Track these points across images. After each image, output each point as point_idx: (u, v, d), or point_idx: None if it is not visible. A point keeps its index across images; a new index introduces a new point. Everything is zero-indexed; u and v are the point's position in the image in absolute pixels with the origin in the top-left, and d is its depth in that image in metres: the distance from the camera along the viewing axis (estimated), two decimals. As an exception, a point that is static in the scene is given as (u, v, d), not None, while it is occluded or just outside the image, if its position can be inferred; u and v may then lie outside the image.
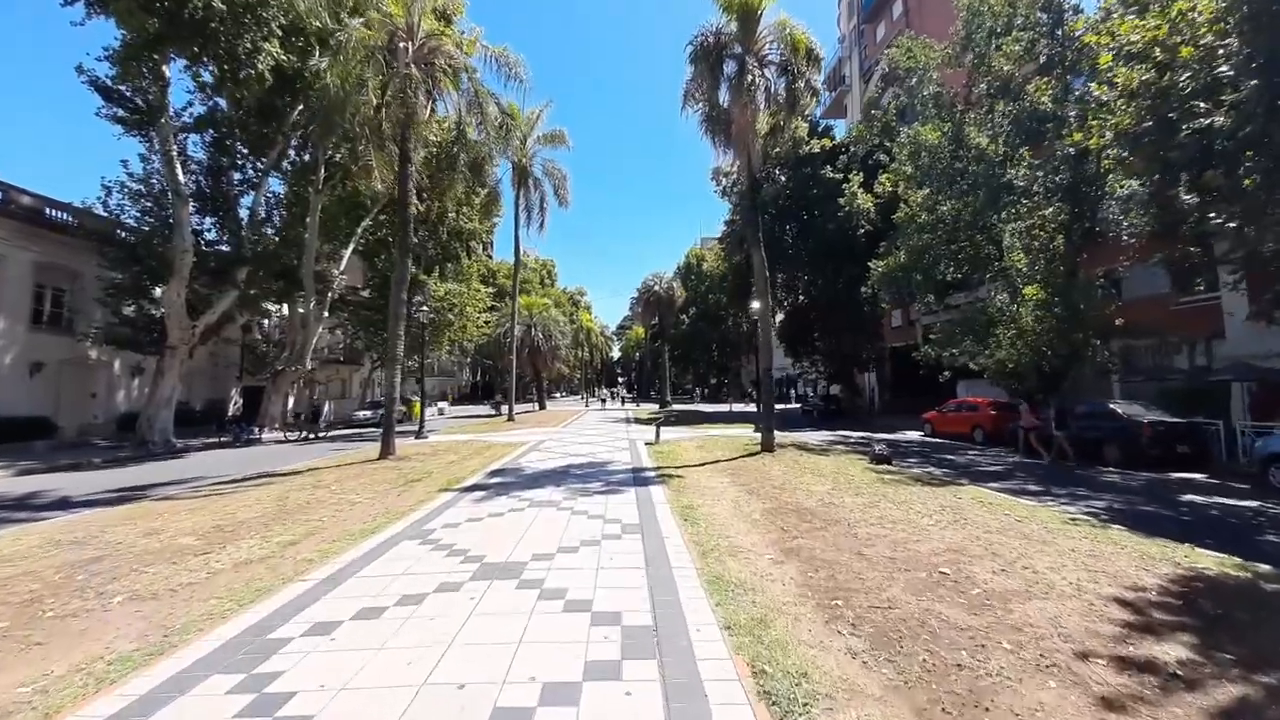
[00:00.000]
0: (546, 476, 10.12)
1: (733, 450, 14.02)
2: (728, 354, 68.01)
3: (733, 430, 20.77)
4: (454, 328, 35.08)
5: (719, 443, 15.83)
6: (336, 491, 9.25)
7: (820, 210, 29.11)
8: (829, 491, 8.50)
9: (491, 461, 12.45)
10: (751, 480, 9.59)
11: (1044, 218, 17.59)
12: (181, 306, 19.85)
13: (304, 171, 25.84)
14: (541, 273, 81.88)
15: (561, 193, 28.75)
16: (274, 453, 17.47)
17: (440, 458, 13.41)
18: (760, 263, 13.30)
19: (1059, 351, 16.50)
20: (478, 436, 19.59)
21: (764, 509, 7.39)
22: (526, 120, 28.47)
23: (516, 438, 18.56)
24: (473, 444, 16.67)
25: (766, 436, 12.89)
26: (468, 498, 8.31)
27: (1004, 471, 12.07)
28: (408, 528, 6.55)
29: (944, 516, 6.89)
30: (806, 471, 10.39)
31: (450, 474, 10.79)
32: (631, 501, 7.79)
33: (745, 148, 13.30)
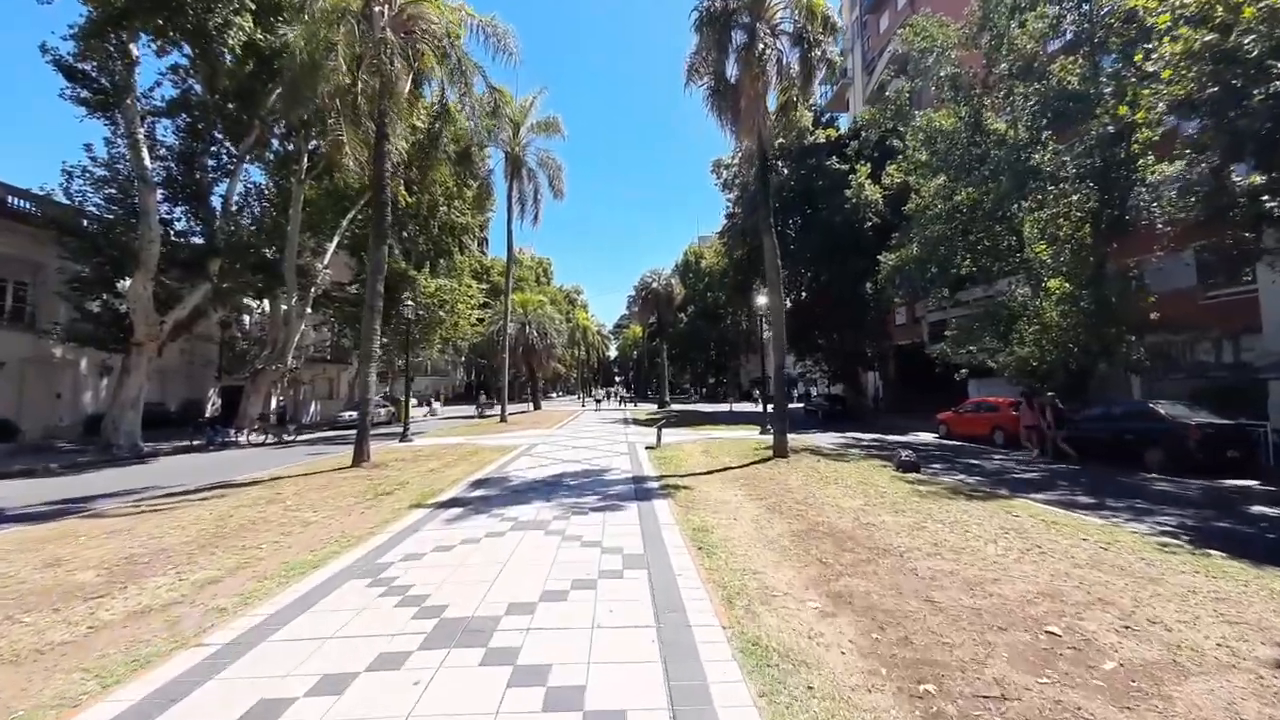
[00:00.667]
0: (535, 489, 8.91)
1: (741, 455, 12.85)
2: (726, 353, 66.96)
3: (738, 432, 19.60)
4: (445, 325, 33.86)
5: (725, 446, 14.66)
6: (292, 507, 8.03)
7: (825, 203, 27.99)
8: (862, 508, 7.33)
9: (477, 469, 11.24)
10: (769, 492, 8.41)
11: (1070, 205, 16.49)
12: (148, 300, 18.56)
13: (285, 161, 24.60)
14: (537, 270, 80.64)
15: (556, 184, 27.56)
16: (245, 458, 16.21)
17: (420, 465, 12.18)
18: (772, 249, 12.13)
19: (1090, 348, 15.41)
20: (466, 439, 18.37)
21: (791, 531, 6.21)
22: (520, 108, 27.26)
23: (507, 441, 17.35)
24: (459, 448, 15.45)
25: (779, 440, 11.73)
26: (441, 516, 7.10)
27: (1042, 479, 10.92)
28: (360, 560, 5.34)
29: (1011, 543, 5.72)
30: (829, 482, 9.22)
31: (427, 485, 9.58)
32: (633, 521, 6.60)
33: (755, 124, 12.12)
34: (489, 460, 12.56)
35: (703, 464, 11.57)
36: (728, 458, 12.46)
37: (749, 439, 16.73)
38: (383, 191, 11.96)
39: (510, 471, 10.78)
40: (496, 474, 10.51)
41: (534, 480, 9.69)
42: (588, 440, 17.03)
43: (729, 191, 34.21)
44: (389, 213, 12.16)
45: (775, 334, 11.99)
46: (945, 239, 18.92)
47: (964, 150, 18.31)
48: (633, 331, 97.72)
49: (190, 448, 19.63)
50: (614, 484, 9.25)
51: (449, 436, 20.06)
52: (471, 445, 16.19)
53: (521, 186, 27.65)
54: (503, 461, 12.25)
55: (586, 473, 10.50)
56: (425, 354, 37.70)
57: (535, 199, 27.82)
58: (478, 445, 16.03)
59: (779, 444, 11.73)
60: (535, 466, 11.40)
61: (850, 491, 8.43)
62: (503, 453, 14.00)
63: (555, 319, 41.81)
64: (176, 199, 21.24)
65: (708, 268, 61.03)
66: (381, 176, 11.95)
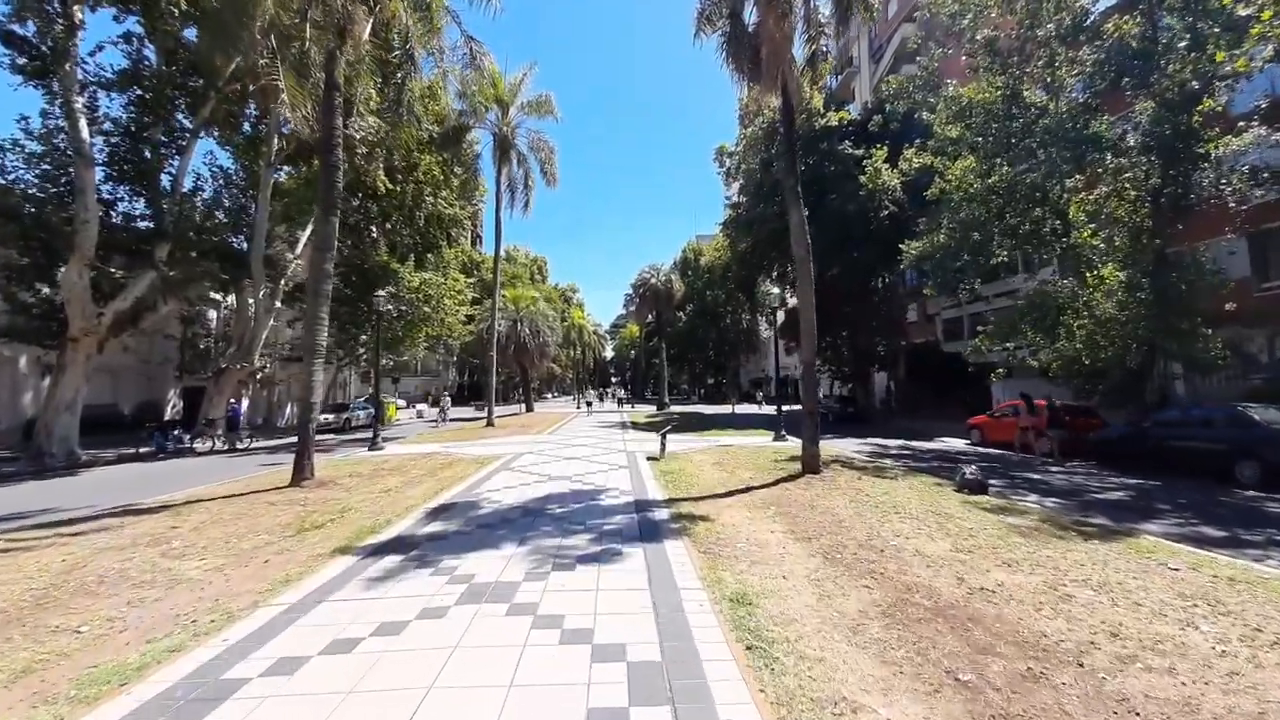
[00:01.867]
0: (509, 520, 6.84)
1: (762, 469, 10.84)
2: (726, 353, 64.99)
3: (749, 438, 17.59)
4: (431, 322, 31.75)
5: (740, 457, 12.64)
6: (175, 551, 5.95)
7: (836, 191, 26.01)
8: (955, 555, 5.31)
9: (443, 490, 9.18)
10: (816, 528, 6.38)
11: (1126, 182, 14.57)
12: (85, 290, 16.44)
13: (254, 144, 22.51)
14: (532, 268, 78.56)
15: (548, 169, 25.46)
16: (191, 469, 14.10)
17: (376, 482, 10.10)
18: (800, 224, 10.12)
19: (1155, 343, 13.49)
20: (445, 447, 16.28)
21: (876, 604, 4.18)
22: (510, 88, 25.19)
23: (490, 449, 15.28)
24: (433, 459, 13.37)
25: (810, 452, 9.71)
26: (367, 572, 5.03)
27: (1132, 500, 8.96)
28: (201, 669, 3.29)
29: (1217, 624, 3.73)
30: (887, 510, 7.20)
31: (374, 512, 7.52)
32: (639, 584, 4.55)
33: (778, 75, 10.13)
34: (462, 476, 10.49)
35: (718, 481, 9.54)
36: (747, 472, 10.44)
37: (765, 447, 14.72)
38: (331, 153, 9.88)
39: (483, 493, 8.71)
40: (465, 496, 8.44)
41: (510, 507, 7.63)
42: (581, 449, 14.98)
43: (732, 180, 32.23)
44: (339, 178, 10.09)
45: (804, 321, 9.98)
46: (980, 223, 16.97)
47: (1001, 124, 16.37)
48: (629, 331, 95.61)
49: (136, 456, 17.49)
50: (611, 512, 7.20)
51: (426, 443, 17.97)
52: (447, 454, 14.11)
53: (511, 171, 25.59)
54: (477, 478, 10.18)
55: (577, 494, 8.45)
56: (410, 353, 35.58)
57: (526, 185, 25.76)
58: (454, 455, 13.95)
59: (809, 456, 9.72)
60: (515, 485, 9.34)
61: (923, 526, 6.41)
62: (480, 465, 11.93)
63: (549, 316, 39.68)
64: (123, 178, 19.09)
65: (707, 265, 59.10)
66: (331, 136, 9.88)
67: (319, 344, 9.81)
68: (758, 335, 63.82)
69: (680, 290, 45.04)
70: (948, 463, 13.20)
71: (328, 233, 9.94)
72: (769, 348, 65.27)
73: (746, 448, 14.64)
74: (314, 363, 9.70)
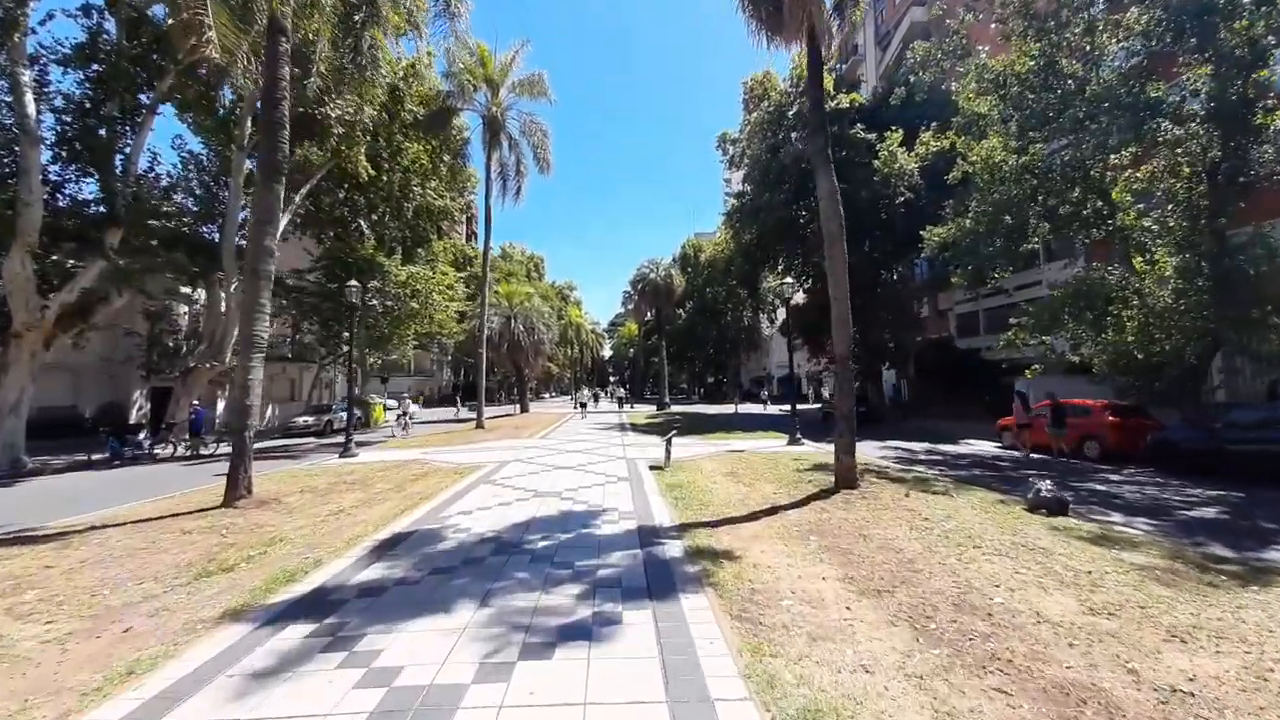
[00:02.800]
0: (473, 563, 5.24)
1: (785, 480, 9.27)
2: (726, 351, 63.45)
3: (760, 441, 16.03)
4: (420, 318, 30.17)
5: (757, 465, 11.07)
6: (24, 608, 4.37)
7: (849, 177, 24.44)
8: (1092, 620, 3.74)
9: (407, 509, 7.60)
10: (881, 572, 4.81)
11: (1181, 156, 13.07)
12: (28, 280, 14.91)
13: (225, 126, 20.90)
14: (529, 266, 77.01)
15: (542, 154, 23.85)
16: (134, 480, 12.50)
17: (332, 499, 8.52)
18: (831, 192, 8.54)
19: (1226, 334, 11.98)
20: (425, 453, 14.69)
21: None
22: (500, 68, 23.56)
23: (475, 455, 13.69)
24: (406, 469, 11.79)
25: (845, 462, 8.14)
26: (252, 659, 3.43)
27: (1230, 518, 7.42)
28: None
29: None
30: (962, 543, 5.62)
31: (309, 545, 5.94)
32: (649, 690, 2.98)
33: (804, 16, 8.55)
34: (433, 491, 8.90)
35: (737, 498, 7.98)
36: (768, 485, 8.87)
37: (781, 454, 13.16)
38: (275, 108, 8.29)
39: (452, 516, 7.13)
40: (429, 521, 6.85)
41: (480, 538, 6.04)
42: (575, 455, 13.40)
43: (735, 169, 30.66)
44: (283, 139, 8.49)
45: (836, 308, 8.40)
46: (1013, 205, 15.42)
47: (1038, 95, 14.83)
48: (628, 330, 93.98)
49: (88, 463, 15.90)
50: (608, 546, 5.62)
51: (406, 449, 16.36)
52: (425, 463, 12.51)
53: (502, 156, 23.97)
54: (450, 494, 8.60)
55: (567, 518, 6.87)
56: (400, 351, 33.97)
57: (518, 171, 24.15)
58: (432, 464, 12.35)
59: (845, 468, 8.16)
60: (494, 504, 7.76)
61: (1020, 567, 4.85)
62: (458, 476, 10.35)
63: (545, 313, 38.05)
64: (74, 158, 17.45)
65: (707, 261, 57.55)
66: (275, 86, 8.28)
67: (257, 334, 8.23)
68: (759, 333, 62.31)
69: (681, 285, 43.44)
70: (990, 470, 11.68)
71: (269, 202, 8.35)
72: (771, 345, 63.78)
73: (760, 454, 13.08)
74: (251, 357, 8.12)
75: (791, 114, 26.54)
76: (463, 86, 21.69)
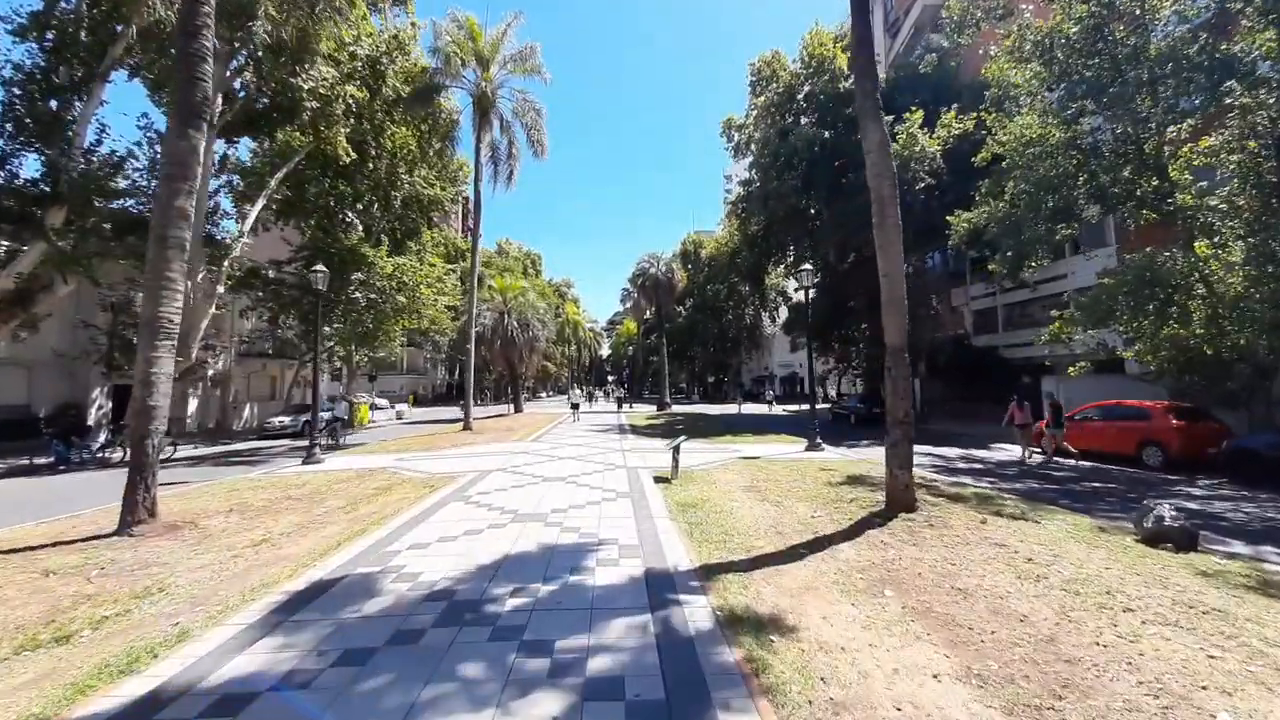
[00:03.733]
0: (406, 641, 3.56)
1: (819, 497, 7.64)
2: (728, 350, 61.85)
3: (774, 447, 14.41)
4: (407, 313, 28.48)
5: (778, 476, 9.44)
6: None
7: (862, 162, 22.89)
8: None
9: (348, 540, 5.95)
10: (1015, 659, 3.18)
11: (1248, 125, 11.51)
12: (-46, 265, 13.22)
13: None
14: (525, 262, 75.37)
15: (536, 135, 22.16)
16: (66, 489, 10.83)
17: (261, 523, 6.87)
18: (881, 145, 6.92)
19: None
20: (399, 460, 13.03)
21: None
22: (490, 42, 21.88)
23: (454, 463, 12.03)
24: (371, 479, 10.13)
25: (900, 478, 6.52)
26: None
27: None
28: None
29: None
30: (1108, 606, 3.98)
31: (197, 598, 4.30)
32: None
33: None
34: (390, 513, 7.25)
35: (768, 522, 6.35)
36: (803, 505, 7.23)
37: (802, 460, 11.52)
38: (194, 38, 6.63)
39: (399, 554, 5.46)
40: (365, 563, 5.19)
41: (427, 592, 4.36)
42: (569, 462, 11.75)
43: (742, 156, 29.01)
44: (204, 74, 6.83)
45: (888, 286, 6.74)
46: (1058, 183, 13.82)
47: (1087, 59, 13.23)
48: (626, 328, 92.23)
49: (30, 468, 14.28)
50: (605, 612, 3.97)
51: (380, 454, 14.71)
52: (394, 473, 10.85)
53: (493, 138, 22.30)
54: (408, 517, 6.94)
55: (549, 558, 5.22)
56: (388, 348, 32.27)
57: (510, 154, 22.46)
58: (402, 474, 10.68)
59: (900, 488, 6.52)
60: (459, 534, 6.11)
61: (1212, 646, 3.23)
62: (428, 490, 8.70)
63: (540, 308, 36.35)
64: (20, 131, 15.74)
65: (708, 258, 55.99)
66: (194, 13, 6.63)
67: (164, 318, 6.59)
68: (761, 331, 60.73)
69: (682, 280, 41.71)
70: (1050, 484, 10.07)
71: (183, 153, 6.69)
72: (773, 344, 62.11)
73: (779, 461, 11.44)
74: (156, 346, 6.48)
75: (803, 95, 24.96)
76: (449, 59, 20.01)
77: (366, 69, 20.17)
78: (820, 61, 23.71)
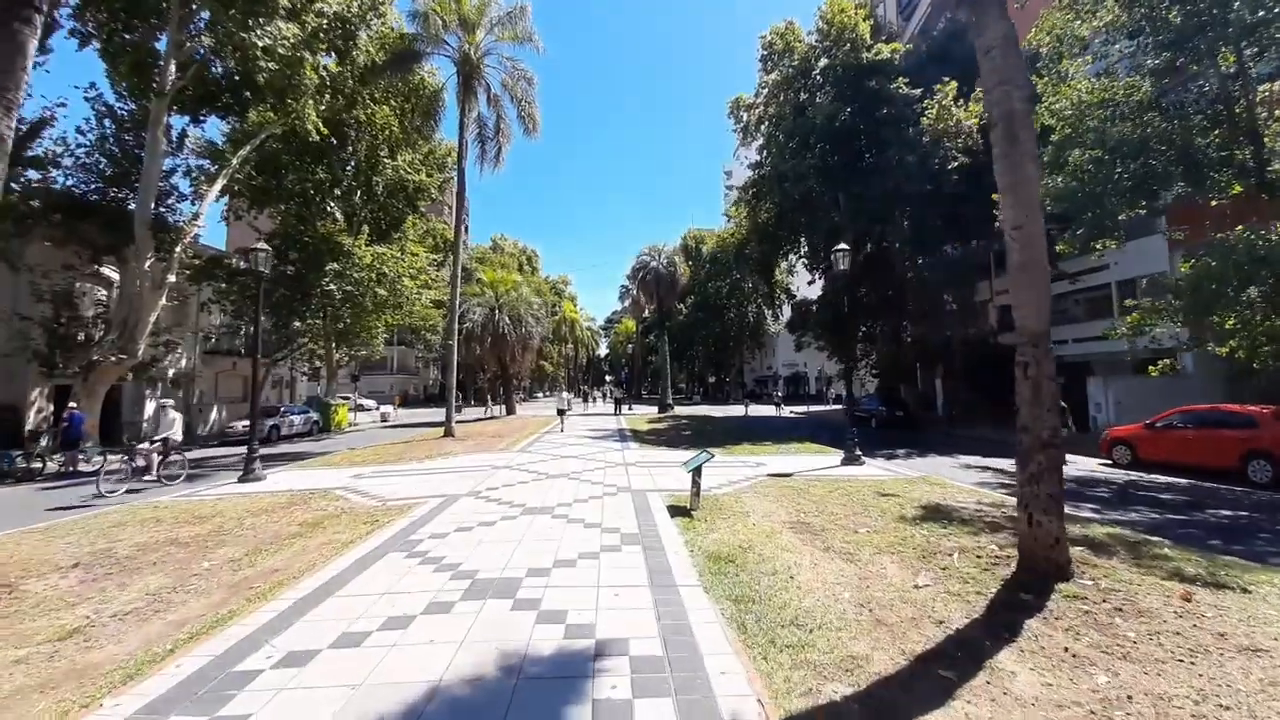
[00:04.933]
0: None
1: (912, 548, 5.44)
2: (729, 349, 59.74)
3: (801, 458, 12.25)
4: (388, 306, 26.30)
5: (825, 502, 7.27)
6: None
7: (887, 139, 20.75)
8: None
9: (200, 640, 3.77)
10: None
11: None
12: None
13: (142, 69, 16.99)
14: (521, 259, 73.10)
15: (527, 110, 19.94)
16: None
17: (104, 589, 4.65)
18: (1006, 40, 4.76)
19: None
20: (355, 479, 10.79)
21: None
22: (476, 4, 19.64)
23: (415, 486, 9.80)
24: (306, 506, 7.93)
25: (1046, 529, 4.35)
26: None
27: None
28: None
29: None
30: None
31: None
32: None
33: None
34: (298, 572, 5.06)
35: (855, 603, 4.17)
36: (891, 562, 5.04)
37: (848, 480, 9.33)
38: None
39: (258, 679, 3.27)
40: (187, 703, 3.02)
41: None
42: (558, 482, 9.56)
43: (751, 139, 26.85)
44: None
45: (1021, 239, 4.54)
46: (1137, 149, 11.66)
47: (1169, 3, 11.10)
48: (625, 326, 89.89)
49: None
50: None
51: (342, 467, 12.49)
52: (337, 498, 8.63)
53: (480, 113, 20.07)
54: (314, 587, 4.71)
55: (513, 690, 3.05)
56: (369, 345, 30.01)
57: (498, 131, 20.24)
58: (348, 499, 8.47)
59: (1047, 542, 4.37)
60: (377, 625, 3.92)
61: None
62: (368, 529, 6.50)
63: (533, 303, 34.09)
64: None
65: (709, 254, 53.83)
66: None
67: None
68: (765, 329, 58.59)
69: (685, 274, 39.43)
70: (1160, 509, 7.92)
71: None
72: (777, 343, 59.89)
73: (820, 481, 9.26)
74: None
75: (819, 69, 22.80)
76: (428, 19, 17.80)
77: (336, 29, 17.91)
78: (840, 31, 21.56)
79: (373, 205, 27.78)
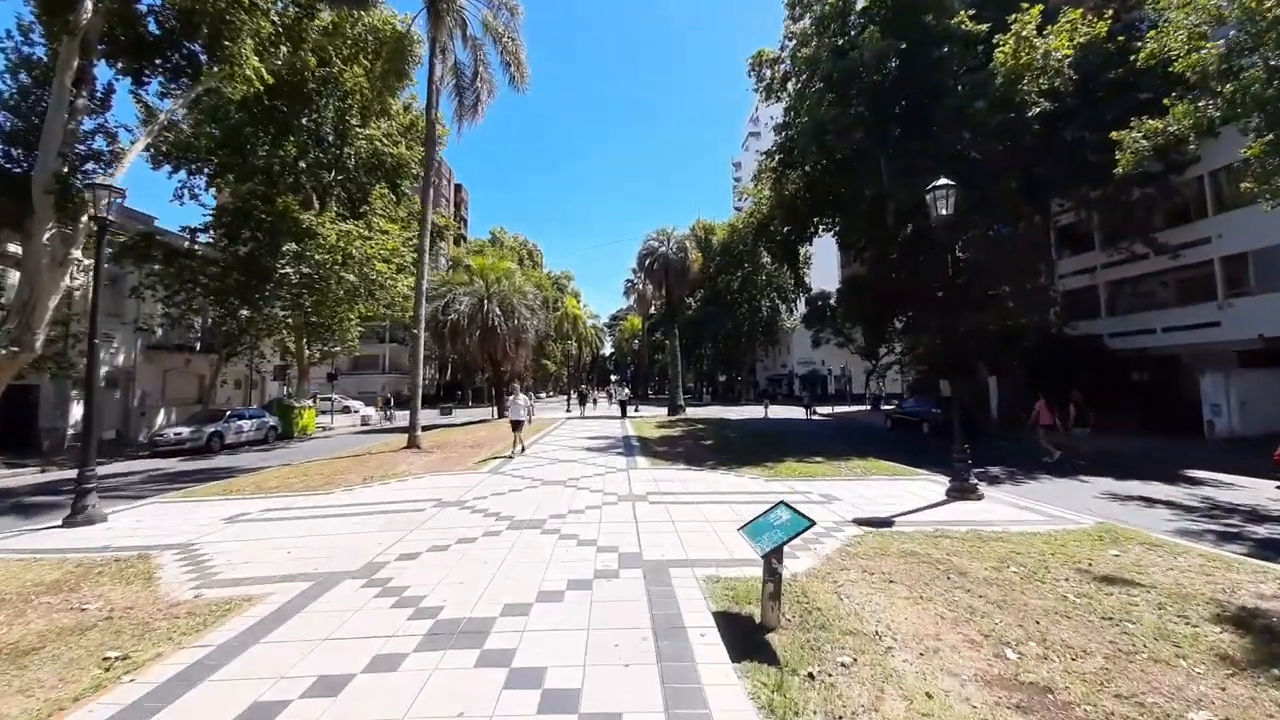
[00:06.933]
0: None
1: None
2: (741, 346, 56.12)
3: (880, 484, 8.66)
4: (360, 294, 22.94)
5: (1006, 593, 3.77)
6: None
7: (947, 88, 17.13)
8: None
9: None
10: None
11: None
12: None
13: (55, 6, 13.69)
14: (521, 253, 69.67)
15: (512, 56, 16.47)
16: None
17: None
18: None
19: None
20: (226, 525, 7.33)
21: None
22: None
23: (297, 545, 6.36)
24: (90, 578, 4.52)
25: None
26: None
27: None
28: None
29: None
30: None
31: None
32: None
33: None
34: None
35: None
36: None
37: (991, 532, 5.74)
38: None
39: None
40: None
41: None
42: (524, 534, 6.09)
43: (775, 99, 23.26)
44: None
45: None
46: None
47: None
48: (630, 324, 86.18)
49: None
50: None
51: (235, 497, 9.01)
52: (125, 584, 5.16)
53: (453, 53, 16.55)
54: None
55: None
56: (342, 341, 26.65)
57: (476, 78, 16.76)
58: (153, 582, 5.03)
59: None
60: None
61: None
62: (102, 676, 3.09)
63: (528, 294, 30.59)
64: None
65: (720, 246, 50.30)
66: None
67: None
68: (779, 325, 54.95)
69: (697, 261, 35.69)
70: None
71: None
72: (792, 339, 56.05)
73: (946, 535, 5.71)
74: None
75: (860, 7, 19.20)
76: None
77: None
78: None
79: (345, 181, 24.42)
